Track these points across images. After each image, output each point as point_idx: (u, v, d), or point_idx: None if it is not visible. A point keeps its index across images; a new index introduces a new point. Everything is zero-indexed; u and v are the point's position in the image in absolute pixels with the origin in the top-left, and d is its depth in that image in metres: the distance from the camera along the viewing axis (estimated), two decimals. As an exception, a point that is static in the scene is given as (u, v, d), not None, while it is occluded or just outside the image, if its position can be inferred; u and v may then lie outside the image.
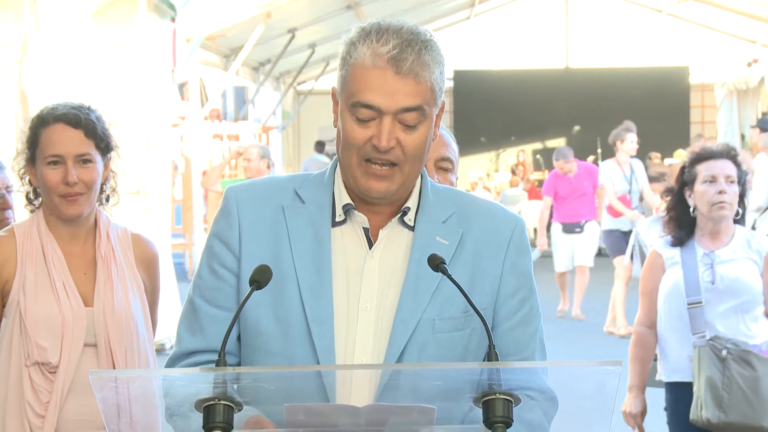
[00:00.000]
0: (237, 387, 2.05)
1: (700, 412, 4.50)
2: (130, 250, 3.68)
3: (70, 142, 3.53)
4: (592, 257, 12.68)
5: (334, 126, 2.40)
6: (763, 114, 21.21)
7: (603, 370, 2.04)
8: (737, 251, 4.68)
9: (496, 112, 27.37)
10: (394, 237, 2.40)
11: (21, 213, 3.94)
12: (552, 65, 28.05)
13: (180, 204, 16.23)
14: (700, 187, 4.65)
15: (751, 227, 7.39)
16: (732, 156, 4.69)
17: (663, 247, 4.76)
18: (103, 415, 2.07)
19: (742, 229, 4.77)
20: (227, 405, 2.03)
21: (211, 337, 2.38)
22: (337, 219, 2.40)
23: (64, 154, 3.52)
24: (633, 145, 11.61)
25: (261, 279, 2.21)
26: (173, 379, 2.16)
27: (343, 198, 2.40)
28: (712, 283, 4.61)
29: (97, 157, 3.58)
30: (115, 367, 3.51)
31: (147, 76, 10.01)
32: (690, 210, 4.69)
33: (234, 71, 17.53)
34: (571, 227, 12.57)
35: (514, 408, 2.04)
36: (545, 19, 27.81)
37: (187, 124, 15.47)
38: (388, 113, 2.29)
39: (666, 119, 26.37)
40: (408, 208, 2.40)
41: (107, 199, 3.70)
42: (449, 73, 26.85)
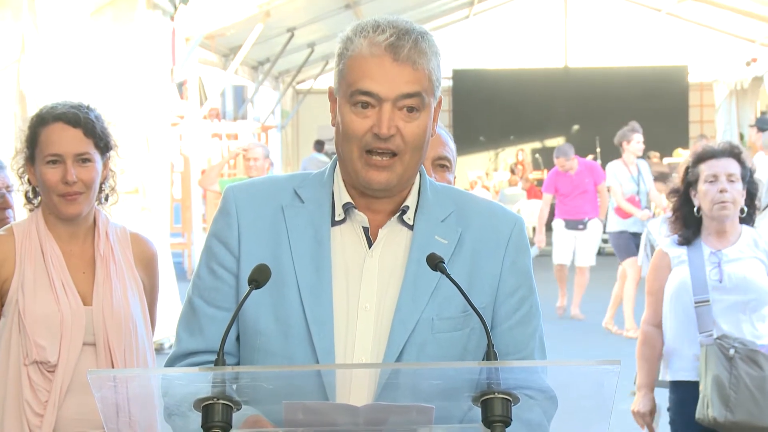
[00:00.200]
0: (236, 386, 2.05)
1: (707, 411, 4.48)
2: (129, 249, 3.68)
3: (69, 142, 3.52)
4: (593, 257, 12.63)
5: (332, 125, 2.39)
6: (762, 113, 21.22)
7: (602, 369, 2.04)
8: (744, 250, 4.66)
9: (495, 112, 27.37)
10: (393, 236, 2.39)
11: (21, 212, 3.94)
12: (551, 64, 28.06)
13: (179, 203, 16.22)
14: (702, 187, 4.64)
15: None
16: (735, 154, 4.68)
17: (669, 246, 4.74)
18: (101, 414, 2.07)
19: (749, 229, 4.74)
20: (226, 404, 2.02)
21: (210, 338, 2.38)
22: (337, 218, 2.40)
23: (63, 154, 3.52)
24: (639, 145, 11.53)
25: (260, 278, 2.20)
26: (172, 378, 2.15)
27: (343, 197, 2.39)
28: (719, 281, 4.59)
29: (96, 156, 3.57)
30: (113, 366, 3.50)
31: (146, 75, 10.00)
32: (695, 210, 4.67)
33: (233, 70, 17.52)
34: (575, 224, 12.48)
35: (513, 407, 2.04)
36: (544, 19, 27.82)
37: (186, 123, 15.47)
38: (388, 100, 2.29)
39: (665, 119, 26.36)
40: (407, 207, 2.40)
41: (106, 199, 3.70)
42: (448, 72, 26.88)
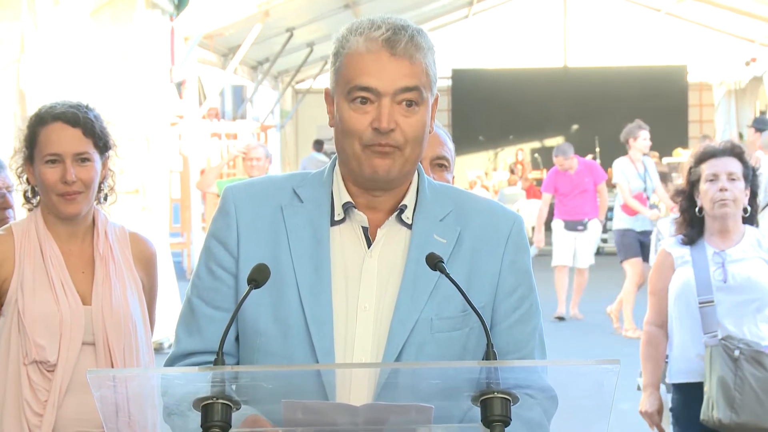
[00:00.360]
0: (235, 386, 2.04)
1: (712, 412, 4.45)
2: (128, 249, 3.68)
3: (69, 141, 3.52)
4: (592, 257, 12.59)
5: (330, 126, 2.39)
6: (762, 113, 21.22)
7: (601, 369, 2.04)
8: (748, 250, 4.63)
9: (494, 111, 27.37)
10: (392, 235, 2.39)
11: (21, 213, 3.94)
12: (550, 64, 28.06)
13: (178, 203, 16.21)
14: (703, 186, 4.62)
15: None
16: (736, 153, 4.65)
17: (673, 246, 4.71)
18: (101, 413, 2.06)
19: (753, 229, 4.71)
20: (225, 404, 2.02)
21: (208, 338, 2.37)
22: (336, 218, 2.39)
23: (63, 153, 3.51)
24: (646, 142, 11.44)
25: (259, 278, 2.20)
26: (171, 378, 2.15)
27: (343, 196, 2.39)
28: (723, 281, 4.56)
29: (95, 155, 3.57)
30: (113, 365, 3.50)
31: (145, 74, 10.00)
32: (697, 210, 4.65)
33: (232, 70, 17.52)
34: (574, 225, 12.40)
35: (513, 407, 2.04)
36: (543, 18, 27.83)
37: (185, 123, 15.47)
38: (386, 95, 2.29)
39: (664, 118, 26.34)
40: (405, 206, 2.39)
41: (105, 198, 3.70)
42: (447, 72, 26.89)
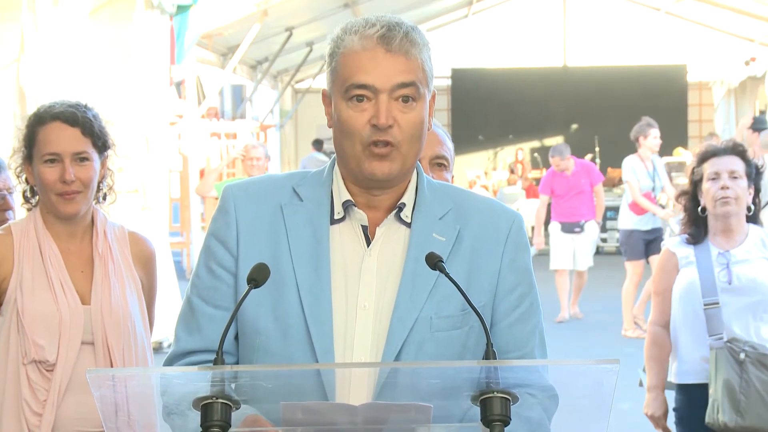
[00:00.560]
0: (235, 386, 2.04)
1: (717, 415, 4.42)
2: (127, 248, 3.68)
3: (67, 141, 3.52)
4: (591, 258, 12.51)
5: (329, 127, 2.39)
6: (761, 112, 21.22)
7: (601, 368, 2.04)
8: (752, 251, 4.59)
9: (493, 111, 27.36)
10: (391, 234, 2.39)
11: (21, 213, 3.94)
12: (550, 63, 28.05)
13: (177, 202, 16.20)
14: (705, 185, 4.59)
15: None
16: (738, 151, 4.61)
17: (677, 246, 4.67)
18: (100, 413, 2.06)
19: (757, 228, 4.67)
20: (225, 403, 2.02)
21: (208, 337, 2.38)
22: (336, 216, 2.39)
23: (61, 153, 3.51)
24: (656, 140, 11.35)
25: (259, 277, 2.20)
26: (171, 377, 2.15)
27: (343, 195, 2.39)
28: (728, 283, 4.52)
29: (94, 155, 3.57)
30: (112, 365, 3.50)
31: (145, 74, 10.00)
32: (699, 209, 4.61)
33: (231, 69, 17.51)
34: (571, 227, 12.31)
35: (513, 406, 2.04)
36: (543, 18, 27.82)
37: (185, 123, 15.46)
38: (384, 91, 2.29)
39: (663, 118, 26.19)
40: (403, 204, 2.39)
41: (104, 198, 3.70)
42: (447, 71, 26.89)
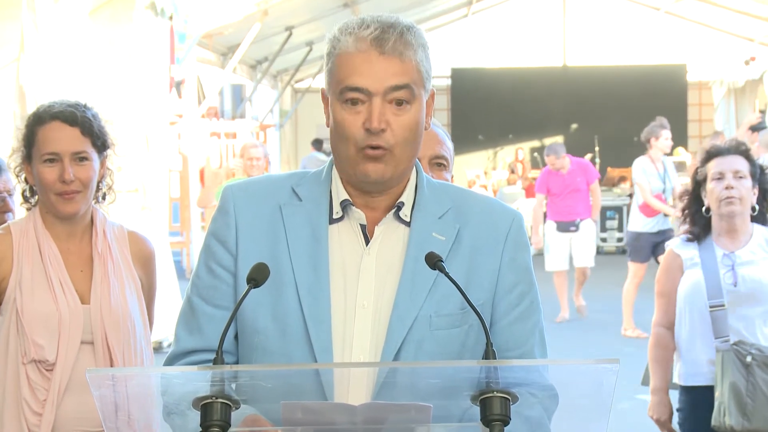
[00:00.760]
0: (234, 385, 2.05)
1: (723, 418, 4.40)
2: (126, 248, 3.68)
3: (67, 140, 3.52)
4: (593, 257, 12.37)
5: (327, 126, 2.40)
6: (761, 112, 21.22)
7: (601, 368, 2.04)
8: (757, 252, 4.56)
9: (493, 110, 27.36)
10: (390, 233, 2.39)
11: (20, 214, 3.93)
12: (549, 63, 28.05)
13: (177, 202, 16.19)
14: (709, 185, 4.57)
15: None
16: (742, 151, 4.60)
17: (680, 247, 4.64)
18: (100, 412, 2.06)
19: (761, 228, 4.64)
20: (225, 403, 2.02)
21: (208, 337, 2.38)
22: (335, 216, 2.40)
23: (61, 152, 3.51)
24: (668, 142, 11.30)
25: (258, 277, 2.20)
26: (171, 377, 2.15)
27: (341, 194, 2.39)
28: (734, 285, 4.50)
29: (94, 154, 3.57)
30: (112, 364, 3.50)
31: (145, 73, 10.00)
32: (704, 210, 4.59)
33: (231, 69, 17.51)
34: (566, 226, 12.23)
35: (513, 405, 2.04)
36: (543, 17, 27.82)
37: (185, 122, 15.46)
38: (377, 94, 2.29)
39: (663, 117, 26.33)
40: (402, 203, 2.39)
41: (104, 197, 3.70)
42: (446, 71, 26.88)
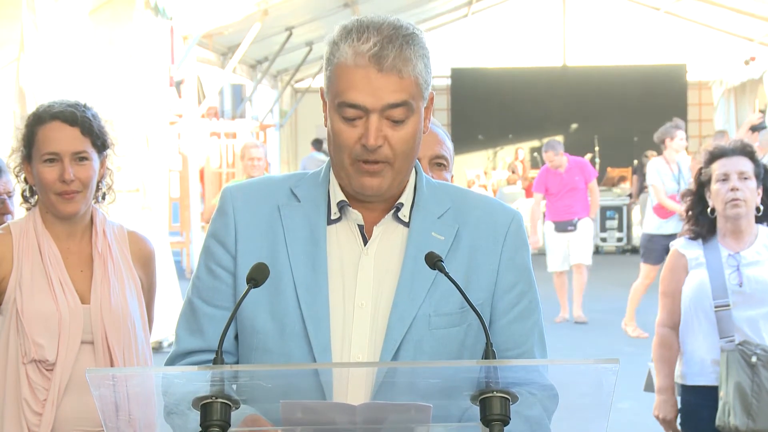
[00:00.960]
0: (234, 385, 2.05)
1: (728, 418, 4.39)
2: (126, 248, 3.68)
3: (67, 140, 3.52)
4: (590, 256, 12.34)
5: (325, 126, 2.40)
6: (761, 112, 21.21)
7: (601, 368, 2.03)
8: (762, 252, 4.55)
9: (493, 110, 27.36)
10: (388, 233, 2.40)
11: (20, 214, 3.93)
12: (549, 63, 28.05)
13: (177, 202, 16.19)
14: (714, 186, 4.55)
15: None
16: (747, 152, 4.57)
17: (685, 247, 4.63)
18: (100, 412, 2.06)
19: (766, 229, 4.62)
20: (224, 403, 2.02)
21: (209, 337, 2.39)
22: (333, 217, 2.40)
23: (61, 152, 3.52)
24: (683, 142, 11.27)
25: (258, 277, 2.21)
26: (171, 377, 2.15)
27: (338, 195, 2.40)
28: (739, 285, 4.49)
29: (94, 154, 3.57)
30: (112, 364, 3.50)
31: (145, 73, 10.00)
32: (709, 211, 4.57)
33: (231, 69, 17.50)
34: (564, 225, 12.20)
35: (513, 405, 2.04)
36: (542, 17, 27.82)
37: (185, 122, 15.46)
38: (374, 111, 2.28)
39: (663, 117, 26.17)
40: (401, 204, 2.40)
41: (103, 197, 3.70)
42: (446, 71, 26.87)
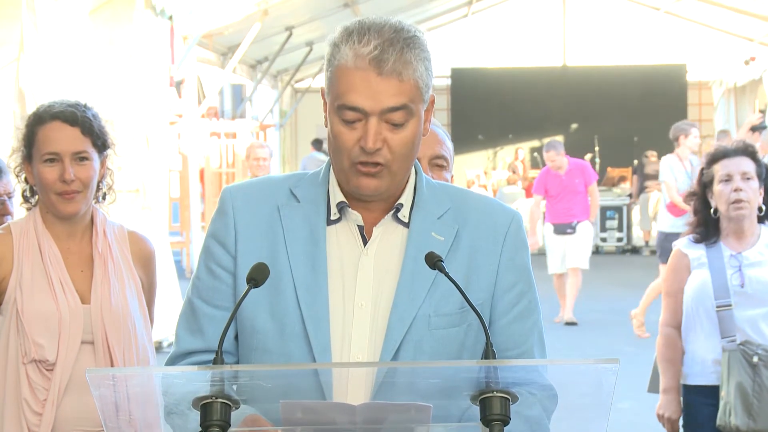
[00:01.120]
0: (234, 385, 2.05)
1: (729, 418, 4.39)
2: (126, 248, 3.68)
3: (67, 140, 3.52)
4: (587, 259, 12.27)
5: (326, 126, 2.40)
6: (761, 112, 21.22)
7: (601, 368, 2.04)
8: (764, 253, 4.55)
9: (493, 110, 27.37)
10: (388, 234, 2.40)
11: (20, 214, 3.93)
12: (549, 63, 28.05)
13: (177, 202, 16.19)
14: (717, 187, 4.55)
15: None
16: (749, 152, 4.57)
17: (687, 247, 4.63)
18: (100, 412, 2.06)
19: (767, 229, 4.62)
20: (224, 403, 2.02)
21: (209, 337, 2.39)
22: (332, 217, 2.40)
23: (61, 152, 3.52)
24: (697, 140, 11.25)
25: (258, 277, 2.21)
26: (171, 377, 2.15)
27: (337, 196, 2.40)
28: (741, 286, 4.49)
29: (94, 154, 3.57)
30: (112, 364, 3.50)
31: (145, 73, 10.01)
32: (711, 211, 4.57)
33: (231, 69, 17.50)
34: (563, 228, 12.17)
35: (513, 405, 2.04)
36: (542, 17, 27.82)
37: (185, 122, 15.46)
38: (374, 114, 2.28)
39: (663, 117, 26.31)
40: (401, 205, 2.40)
41: (104, 197, 3.70)
42: (446, 71, 26.87)
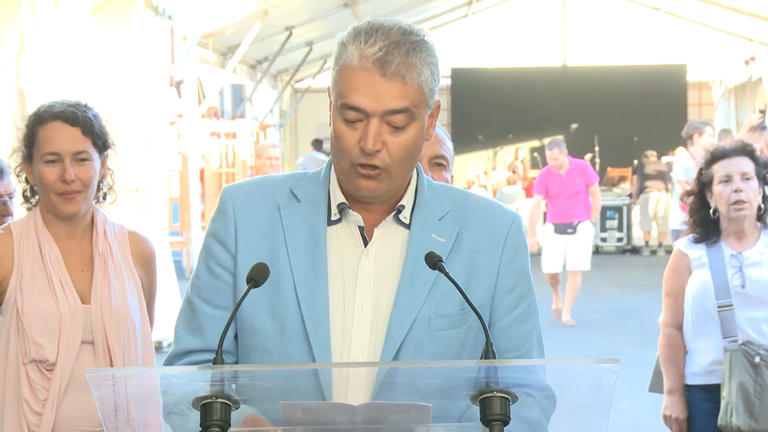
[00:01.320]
0: (234, 385, 2.05)
1: (730, 418, 4.39)
2: (127, 248, 3.68)
3: (67, 140, 3.53)
4: (588, 260, 12.22)
5: (330, 125, 2.40)
6: (761, 112, 21.23)
7: (601, 368, 2.04)
8: (765, 252, 4.54)
9: (493, 110, 27.38)
10: (389, 235, 2.40)
11: (20, 215, 3.93)
12: (549, 63, 28.07)
13: (177, 202, 16.19)
14: (717, 188, 4.53)
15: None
16: (748, 152, 4.56)
17: (688, 247, 4.62)
18: (100, 412, 2.06)
19: None
20: (224, 403, 2.02)
21: (209, 337, 2.39)
22: (333, 218, 2.40)
23: (62, 152, 3.52)
24: (711, 138, 11.23)
25: (258, 277, 2.21)
26: (171, 377, 2.15)
27: (338, 197, 2.40)
28: (742, 286, 4.48)
29: (94, 154, 3.58)
30: (112, 364, 3.51)
31: (145, 73, 10.01)
32: (711, 212, 4.56)
33: (231, 69, 17.51)
34: (564, 228, 12.11)
35: (512, 406, 2.04)
36: (543, 17, 27.84)
37: (185, 122, 15.46)
38: (375, 115, 2.28)
39: (663, 117, 26.39)
40: (402, 206, 2.40)
41: (104, 197, 3.70)
42: (447, 71, 26.87)
